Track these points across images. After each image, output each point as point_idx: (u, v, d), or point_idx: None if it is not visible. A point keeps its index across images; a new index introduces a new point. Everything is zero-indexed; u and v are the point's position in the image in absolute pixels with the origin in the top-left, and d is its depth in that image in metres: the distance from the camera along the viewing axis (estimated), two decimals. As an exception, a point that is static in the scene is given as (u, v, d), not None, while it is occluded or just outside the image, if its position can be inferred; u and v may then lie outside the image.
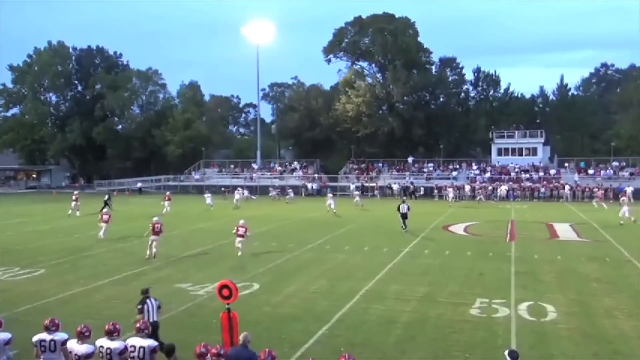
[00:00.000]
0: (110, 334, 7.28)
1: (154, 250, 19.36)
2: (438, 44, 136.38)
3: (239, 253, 19.53)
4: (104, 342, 7.25)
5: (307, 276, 16.55)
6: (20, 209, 40.24)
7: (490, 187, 49.42)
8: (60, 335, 7.58)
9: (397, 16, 65.18)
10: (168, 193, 39.55)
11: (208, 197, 39.32)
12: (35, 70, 71.51)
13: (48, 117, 74.17)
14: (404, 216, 26.41)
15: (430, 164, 58.92)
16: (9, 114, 74.01)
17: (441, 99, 67.88)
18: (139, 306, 9.59)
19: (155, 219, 20.42)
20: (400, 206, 26.93)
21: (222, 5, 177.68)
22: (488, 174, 54.02)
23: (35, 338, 7.61)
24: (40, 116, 72.30)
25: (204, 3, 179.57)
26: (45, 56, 71.40)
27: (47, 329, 7.59)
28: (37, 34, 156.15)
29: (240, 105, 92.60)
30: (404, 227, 26.10)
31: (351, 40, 66.97)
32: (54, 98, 75.52)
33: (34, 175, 74.40)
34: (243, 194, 44.00)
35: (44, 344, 7.52)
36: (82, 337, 7.31)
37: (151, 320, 9.23)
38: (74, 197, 35.77)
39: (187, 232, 26.48)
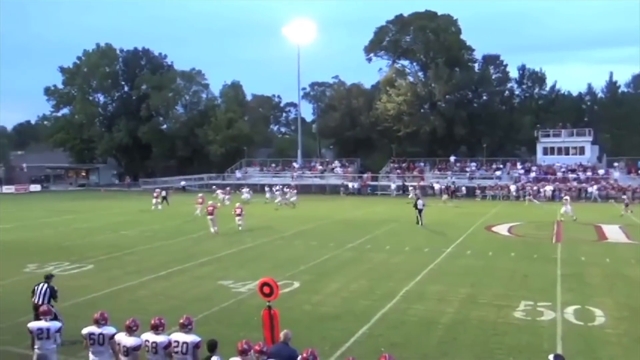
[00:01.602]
0: (156, 329, 7.45)
1: (215, 228, 24.90)
2: (481, 41, 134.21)
3: (240, 228, 25.68)
4: (149, 336, 7.43)
5: (348, 275, 16.54)
6: (70, 206, 41.61)
7: (535, 187, 48.25)
8: (108, 329, 7.81)
9: (439, 14, 64.44)
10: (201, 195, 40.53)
11: (245, 193, 41.15)
12: (84, 71, 73.69)
13: (96, 117, 76.32)
14: (420, 212, 28.31)
15: (473, 163, 57.97)
16: (59, 114, 76.61)
17: (484, 97, 66.66)
18: (34, 287, 10.78)
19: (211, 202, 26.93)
20: (418, 202, 28.91)
21: (263, 5, 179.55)
22: (533, 174, 52.78)
23: (84, 331, 7.86)
24: (89, 116, 74.46)
25: (246, 4, 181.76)
26: (94, 58, 73.52)
27: (97, 322, 7.84)
28: (86, 36, 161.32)
29: (282, 105, 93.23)
30: (419, 222, 27.90)
31: (392, 38, 66.50)
32: (102, 98, 77.72)
33: (83, 174, 76.80)
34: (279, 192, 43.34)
35: (93, 337, 7.76)
36: (130, 330, 7.51)
37: (39, 302, 10.29)
38: (154, 195, 38.82)
39: (228, 230, 26.82)
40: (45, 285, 10.81)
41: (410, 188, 48.20)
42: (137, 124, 71.03)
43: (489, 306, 12.98)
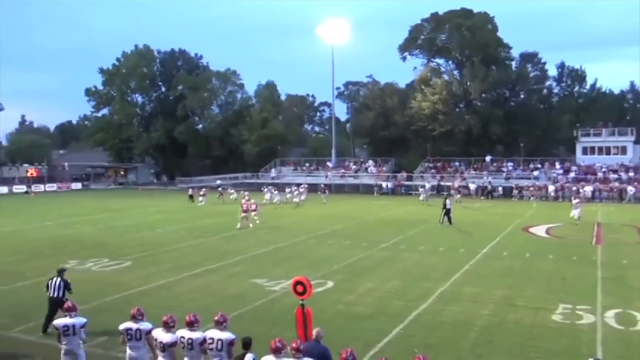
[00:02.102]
0: (191, 325, 7.56)
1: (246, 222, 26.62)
2: (518, 39, 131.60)
3: (251, 225, 26.86)
4: (185, 333, 7.53)
5: (381, 275, 16.47)
6: (109, 204, 42.61)
7: (574, 188, 47.09)
8: (145, 325, 7.98)
9: (475, 11, 63.52)
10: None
11: (269, 193, 41.40)
12: (123, 72, 75.28)
13: (134, 117, 77.89)
14: (448, 212, 28.24)
15: (510, 163, 56.87)
16: (99, 114, 78.52)
17: (521, 96, 65.42)
18: (48, 282, 11.23)
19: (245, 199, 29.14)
20: (446, 202, 28.93)
21: (297, 6, 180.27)
22: (572, 174, 51.50)
23: (122, 326, 8.04)
24: (127, 116, 76.04)
25: (280, 4, 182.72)
26: (132, 59, 75.04)
27: (134, 318, 8.01)
28: (125, 38, 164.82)
29: (315, 104, 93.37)
30: (443, 222, 27.96)
31: (427, 37, 65.86)
32: (139, 99, 79.22)
33: (122, 173, 78.55)
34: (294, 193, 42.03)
35: (130, 332, 7.93)
36: (167, 326, 7.64)
37: (54, 295, 10.91)
38: (201, 192, 41.06)
39: (263, 229, 27.03)
40: (59, 279, 11.21)
41: (420, 189, 46.28)
42: (173, 124, 72.21)
43: (526, 309, 12.74)
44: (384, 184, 54.88)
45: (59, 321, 8.48)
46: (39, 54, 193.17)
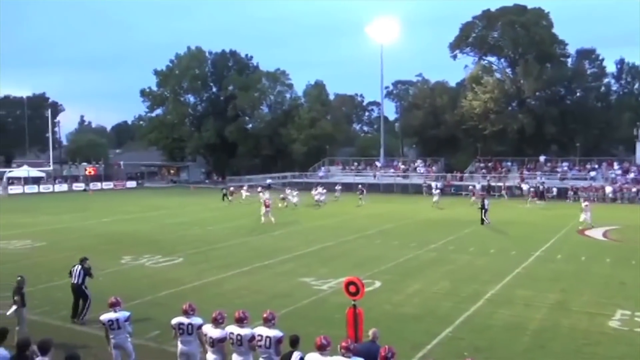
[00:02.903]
0: (240, 322, 7.66)
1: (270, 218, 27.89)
2: (575, 35, 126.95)
3: (273, 219, 28.05)
4: (234, 329, 7.65)
5: (430, 276, 16.28)
6: (162, 202, 43.77)
7: (634, 189, 45.18)
8: (196, 320, 8.16)
9: (529, 7, 61.77)
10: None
11: (318, 194, 40.36)
12: (176, 74, 77.15)
13: (186, 117, 79.66)
14: (486, 212, 28.46)
15: (565, 164, 55.09)
16: (153, 114, 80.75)
17: (578, 94, 63.14)
18: (71, 269, 12.08)
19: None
20: (484, 202, 29.14)
21: (346, 6, 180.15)
22: (632, 175, 49.39)
23: (174, 321, 8.25)
24: (180, 116, 77.90)
25: (329, 5, 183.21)
26: (185, 61, 76.83)
27: (185, 313, 8.21)
28: (179, 39, 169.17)
29: (364, 104, 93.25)
30: (486, 221, 28.07)
31: (479, 34, 64.52)
32: (191, 99, 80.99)
33: (173, 171, 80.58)
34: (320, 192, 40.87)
35: (182, 327, 8.13)
36: (217, 322, 7.78)
37: (76, 282, 11.79)
38: (259, 190, 41.12)
39: (309, 228, 27.18)
40: (80, 266, 12.01)
41: (434, 191, 43.10)
42: (224, 123, 73.45)
43: (581, 314, 12.33)
44: (433, 184, 54.18)
45: (105, 316, 8.70)
46: (98, 57, 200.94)
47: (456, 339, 10.73)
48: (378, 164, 63.60)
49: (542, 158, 56.11)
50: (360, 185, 45.72)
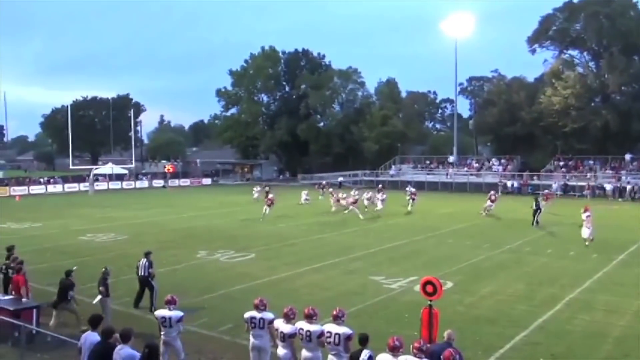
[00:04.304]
0: (310, 318, 7.78)
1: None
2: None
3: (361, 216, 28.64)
4: (303, 325, 7.77)
5: (504, 278, 15.80)
6: (235, 199, 44.91)
7: None
8: (267, 314, 8.35)
9: (615, -3, 58.41)
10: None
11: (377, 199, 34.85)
12: (250, 73, 79.03)
13: (260, 116, 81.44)
14: (540, 212, 27.32)
15: (653, 162, 51.77)
16: (228, 113, 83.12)
17: (667, 88, 59.08)
18: (137, 263, 12.73)
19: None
20: (540, 202, 28.04)
21: (418, 2, 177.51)
22: None
23: (246, 315, 8.47)
24: (253, 115, 79.76)
25: (402, 1, 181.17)
26: (259, 60, 78.52)
27: (257, 308, 8.42)
28: (252, 40, 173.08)
29: (437, 101, 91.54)
30: (536, 222, 26.91)
31: (560, 27, 61.66)
32: (265, 98, 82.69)
33: (246, 169, 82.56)
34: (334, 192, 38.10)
35: (254, 321, 8.35)
36: (288, 318, 7.95)
37: (142, 274, 12.46)
38: (316, 187, 43.64)
39: (382, 226, 27.06)
40: (146, 260, 12.67)
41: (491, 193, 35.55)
42: (296, 122, 74.39)
43: (670, 322, 11.57)
44: (509, 183, 52.46)
45: (159, 312, 8.95)
46: (176, 59, 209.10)
47: (531, 343, 10.37)
48: (451, 161, 62.32)
49: (628, 156, 52.95)
50: (408, 186, 40.02)
